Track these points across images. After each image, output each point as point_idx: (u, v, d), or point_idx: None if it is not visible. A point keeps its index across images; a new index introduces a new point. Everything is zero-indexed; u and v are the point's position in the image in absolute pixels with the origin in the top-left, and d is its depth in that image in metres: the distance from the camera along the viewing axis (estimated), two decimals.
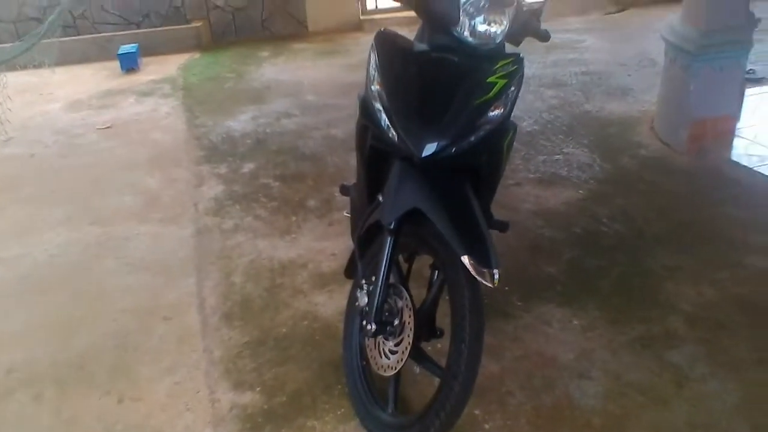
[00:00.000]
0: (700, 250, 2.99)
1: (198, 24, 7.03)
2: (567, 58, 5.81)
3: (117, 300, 2.85)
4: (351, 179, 3.20)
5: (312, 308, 2.72)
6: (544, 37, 2.19)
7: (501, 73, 1.91)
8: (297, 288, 2.86)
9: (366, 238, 2.16)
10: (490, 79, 1.90)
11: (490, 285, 1.74)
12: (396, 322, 1.97)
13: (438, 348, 2.27)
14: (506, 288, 2.76)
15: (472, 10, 1.90)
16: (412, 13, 2.08)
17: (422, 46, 2.01)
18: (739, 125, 4.04)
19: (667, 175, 3.68)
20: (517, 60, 1.98)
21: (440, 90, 1.90)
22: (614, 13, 7.30)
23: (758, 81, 4.88)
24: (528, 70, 5.77)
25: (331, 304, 2.73)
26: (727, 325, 2.52)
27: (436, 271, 2.06)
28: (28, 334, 2.67)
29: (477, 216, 1.85)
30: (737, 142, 3.94)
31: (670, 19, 3.95)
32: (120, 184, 3.94)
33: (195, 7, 7.10)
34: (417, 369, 2.15)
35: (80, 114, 5.21)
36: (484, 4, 1.90)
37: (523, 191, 3.57)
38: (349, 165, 3.85)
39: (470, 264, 1.72)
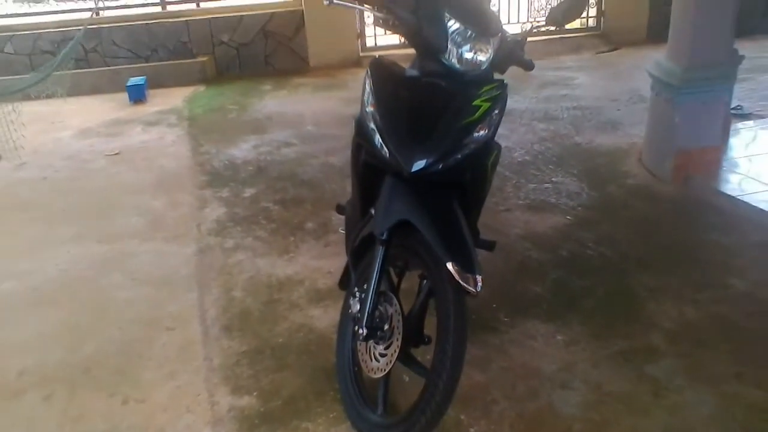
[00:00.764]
0: (683, 272, 3.12)
1: (204, 59, 7.28)
2: (559, 94, 6.01)
3: (122, 311, 2.99)
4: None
5: (308, 321, 2.85)
6: (528, 66, 2.35)
7: (485, 97, 2.08)
8: (294, 302, 2.99)
9: (359, 250, 2.29)
10: (475, 102, 2.06)
11: (472, 290, 1.88)
12: (386, 327, 2.10)
13: (428, 358, 2.38)
14: (494, 305, 2.89)
15: (459, 39, 2.07)
16: (408, 50, 2.26)
17: (413, 72, 2.19)
18: (725, 157, 4.20)
19: (653, 203, 3.84)
20: (501, 85, 2.14)
21: (429, 111, 2.06)
22: (606, 52, 7.54)
23: (746, 116, 5.07)
24: (521, 104, 6.01)
25: (326, 317, 2.85)
26: (706, 341, 2.63)
27: (425, 281, 2.20)
28: (38, 340, 2.80)
29: (462, 226, 1.99)
30: (723, 173, 4.09)
31: (656, 56, 4.16)
32: (127, 206, 4.10)
33: (201, 42, 7.36)
34: (407, 377, 2.28)
35: (90, 141, 5.40)
36: (471, 35, 2.08)
37: (513, 216, 3.71)
38: (345, 191, 4.00)
39: (454, 270, 1.87)
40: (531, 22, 7.23)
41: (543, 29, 2.43)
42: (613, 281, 3.07)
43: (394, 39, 6.74)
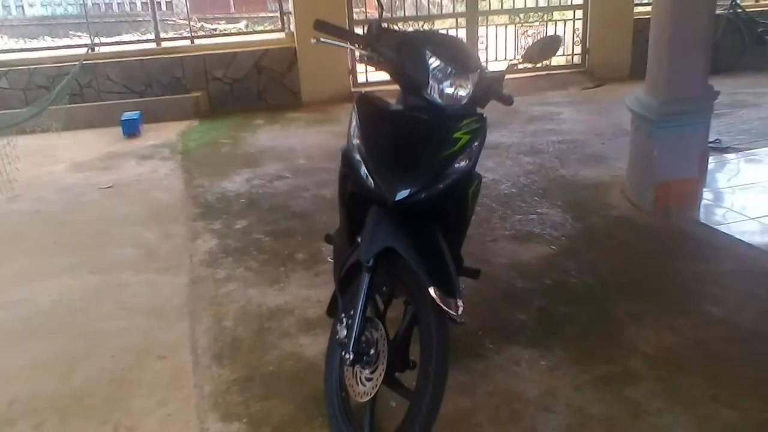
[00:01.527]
0: (662, 299, 3.21)
1: (197, 94, 7.42)
2: (545, 129, 6.17)
3: (114, 340, 3.04)
4: None
5: (297, 349, 2.91)
6: (506, 100, 2.45)
7: (465, 130, 2.19)
8: (284, 331, 3.05)
9: (347, 277, 2.37)
10: (456, 135, 2.17)
11: (453, 313, 1.96)
12: (372, 351, 2.17)
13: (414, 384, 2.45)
14: (480, 332, 2.96)
15: (440, 75, 2.19)
16: (396, 86, 2.38)
17: (397, 107, 2.31)
18: (704, 189, 4.33)
19: (635, 233, 3.94)
20: (481, 119, 2.25)
21: (412, 144, 2.17)
22: (591, 88, 7.74)
23: (724, 150, 5.21)
24: (508, 138, 6.14)
25: (316, 345, 2.91)
26: (684, 366, 2.71)
27: (409, 306, 2.27)
28: (30, 370, 2.84)
29: (444, 253, 2.09)
30: (702, 204, 4.21)
31: (639, 92, 4.31)
32: (119, 238, 4.17)
33: (195, 78, 7.51)
34: (393, 403, 2.34)
35: (84, 174, 5.49)
36: (451, 71, 2.19)
37: (499, 247, 3.81)
38: (336, 222, 4.05)
39: (436, 294, 1.95)
40: (509, 61, 7.46)
41: (521, 66, 2.55)
42: (595, 308, 3.15)
43: (385, 75, 6.88)
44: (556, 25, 8.34)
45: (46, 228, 4.44)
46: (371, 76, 7.77)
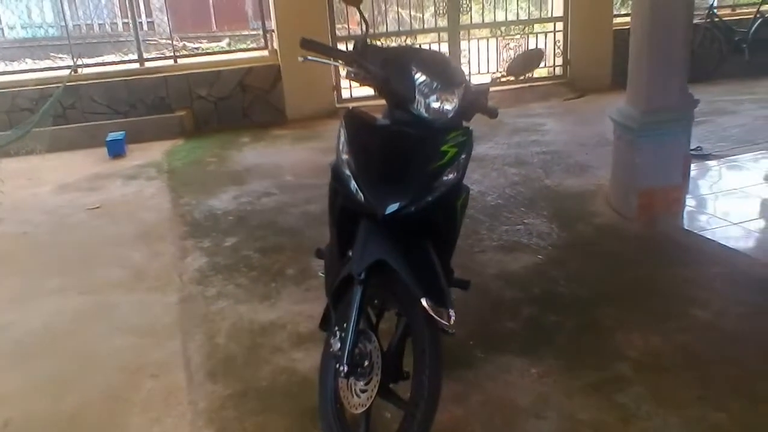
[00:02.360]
0: (648, 304, 3.26)
1: (182, 113, 7.42)
2: (529, 140, 6.24)
3: (107, 360, 3.04)
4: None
5: (290, 364, 2.93)
6: (492, 113, 2.51)
7: (452, 143, 2.24)
8: (276, 346, 3.07)
9: (339, 291, 2.40)
10: (443, 148, 2.22)
11: (446, 323, 2.00)
12: (366, 363, 2.20)
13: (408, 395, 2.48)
14: (471, 342, 3.00)
15: (426, 90, 2.24)
16: (381, 101, 2.42)
17: (385, 121, 2.35)
18: (687, 195, 4.41)
19: (619, 240, 4.00)
20: (467, 132, 2.30)
21: (400, 158, 2.21)
22: (573, 99, 7.85)
23: (705, 156, 5.31)
24: (493, 150, 6.20)
25: (308, 359, 2.93)
26: (671, 369, 2.76)
27: (401, 317, 2.30)
28: (23, 392, 2.84)
29: (434, 264, 2.13)
30: (686, 210, 4.29)
31: (620, 102, 4.39)
32: (108, 258, 4.17)
33: (179, 97, 7.52)
34: (388, 414, 2.37)
35: (69, 196, 5.48)
36: (437, 86, 2.25)
37: (487, 257, 3.85)
38: (324, 237, 4.07)
39: (428, 305, 1.99)
40: (492, 74, 7.55)
41: (504, 80, 2.61)
42: (582, 315, 3.20)
43: (369, 91, 6.96)
44: (537, 38, 8.44)
45: (34, 250, 4.44)
46: (355, 91, 7.83)
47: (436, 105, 2.25)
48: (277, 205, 4.96)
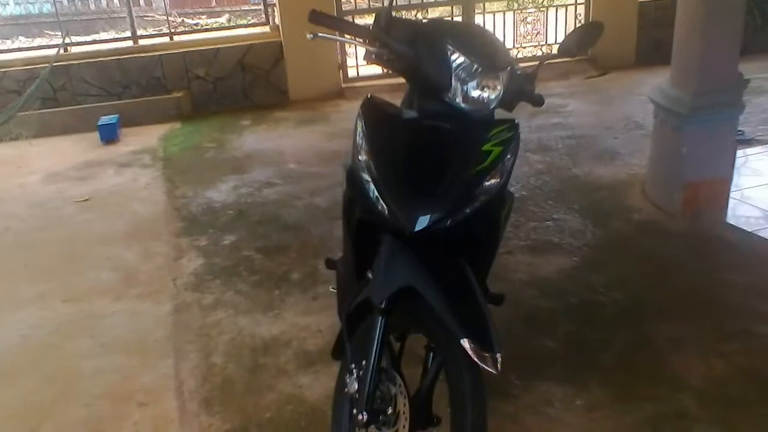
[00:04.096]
0: (704, 318, 2.86)
1: (179, 94, 6.99)
2: (551, 123, 5.79)
3: (90, 384, 2.68)
4: (335, 250, 3.07)
5: (297, 391, 2.55)
6: (538, 101, 2.12)
7: (496, 141, 1.82)
8: (281, 368, 2.69)
9: (355, 316, 2.00)
10: (485, 147, 1.80)
11: (492, 371, 1.60)
12: (389, 410, 1.81)
13: None
14: (504, 365, 2.60)
15: (464, 75, 1.82)
16: (394, 80, 2.00)
17: (412, 114, 1.92)
18: (732, 187, 3.98)
19: (663, 240, 3.59)
20: (513, 126, 1.89)
21: (432, 159, 1.80)
22: (595, 77, 7.37)
23: (748, 142, 4.87)
24: None
25: (318, 386, 2.55)
26: (741, 401, 2.37)
27: (431, 353, 1.91)
28: None
29: (477, 295, 1.72)
30: (733, 205, 3.87)
31: (658, 82, 3.94)
32: (96, 259, 3.78)
33: (176, 77, 7.08)
34: None
35: (58, 186, 5.07)
36: (477, 69, 1.82)
37: (515, 260, 3.44)
38: (333, 235, 3.71)
39: (470, 348, 1.59)
40: (542, 54, 7.06)
41: (556, 61, 2.19)
42: (630, 332, 2.81)
43: (378, 69, 6.45)
44: (557, 11, 7.93)
45: (16, 249, 4.05)
46: (363, 70, 7.37)
47: (476, 93, 1.83)
48: (281, 197, 4.55)
